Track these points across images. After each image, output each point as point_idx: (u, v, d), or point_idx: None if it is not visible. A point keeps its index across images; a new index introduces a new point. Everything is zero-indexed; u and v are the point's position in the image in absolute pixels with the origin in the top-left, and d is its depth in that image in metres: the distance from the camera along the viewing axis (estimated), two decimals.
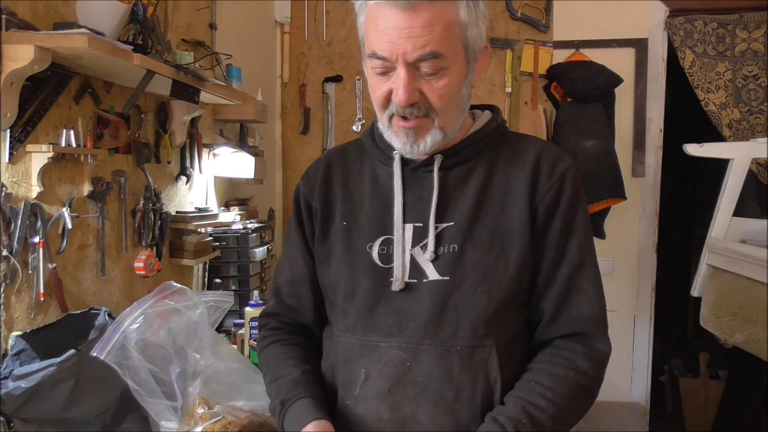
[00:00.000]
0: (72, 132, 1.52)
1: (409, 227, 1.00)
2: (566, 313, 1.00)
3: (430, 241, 0.97)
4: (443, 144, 1.00)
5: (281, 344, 1.10)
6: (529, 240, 0.98)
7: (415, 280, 0.98)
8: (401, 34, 0.88)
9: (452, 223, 0.98)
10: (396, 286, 0.98)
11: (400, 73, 0.91)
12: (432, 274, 0.97)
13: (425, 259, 0.98)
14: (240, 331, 1.94)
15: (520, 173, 1.00)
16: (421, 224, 0.99)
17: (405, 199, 1.01)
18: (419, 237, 0.99)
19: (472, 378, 0.95)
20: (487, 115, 1.08)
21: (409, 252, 0.99)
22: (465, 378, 0.95)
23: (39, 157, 1.42)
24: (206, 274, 2.30)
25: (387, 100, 0.95)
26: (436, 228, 0.98)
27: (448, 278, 0.96)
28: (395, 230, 1.00)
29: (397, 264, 0.98)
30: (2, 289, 1.34)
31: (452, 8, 0.90)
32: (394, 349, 0.96)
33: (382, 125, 1.01)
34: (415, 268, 0.98)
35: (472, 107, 1.10)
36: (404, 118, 0.95)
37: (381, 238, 1.01)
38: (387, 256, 1.00)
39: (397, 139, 0.98)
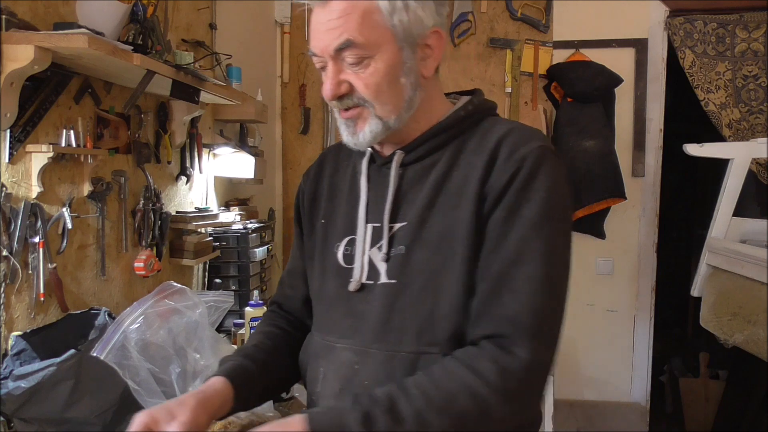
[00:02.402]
0: (72, 132, 1.52)
1: (370, 227, 0.98)
2: (490, 312, 0.87)
3: (384, 242, 0.95)
4: (407, 135, 0.97)
5: (262, 326, 1.13)
6: (475, 235, 0.89)
7: (372, 282, 0.95)
8: (321, 29, 0.90)
9: (405, 223, 0.95)
10: (352, 286, 0.96)
11: (329, 67, 0.92)
12: (383, 276, 0.94)
13: (380, 261, 0.95)
14: (240, 331, 1.94)
15: (477, 162, 0.92)
16: (379, 224, 0.97)
17: (369, 198, 0.99)
18: (377, 237, 0.96)
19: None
20: (461, 103, 1.01)
21: (368, 253, 0.96)
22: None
23: (39, 157, 1.42)
24: (206, 274, 2.30)
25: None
26: (391, 228, 0.95)
27: (395, 281, 0.93)
28: (358, 230, 0.98)
29: (356, 265, 0.97)
30: (2, 289, 1.34)
31: None
32: (347, 351, 0.96)
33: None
34: (373, 270, 0.96)
35: (461, 93, 1.05)
36: (345, 109, 0.94)
37: (347, 238, 1.00)
38: (350, 257, 0.99)
39: (342, 133, 0.98)
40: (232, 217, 2.40)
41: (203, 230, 2.20)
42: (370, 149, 1.01)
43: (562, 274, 0.90)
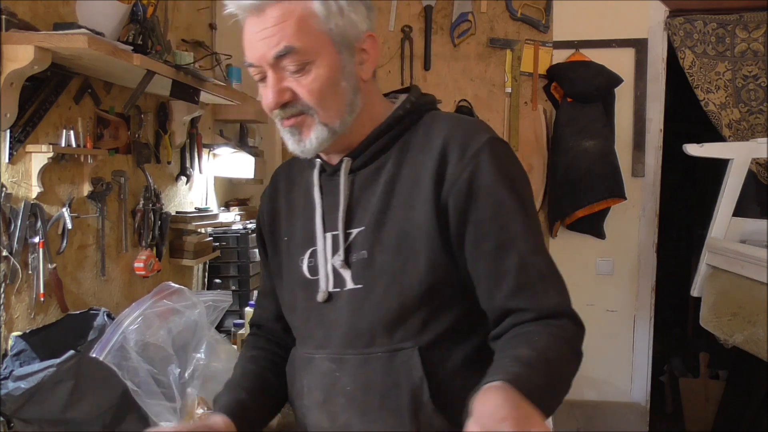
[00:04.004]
0: (72, 132, 1.52)
1: (329, 236, 0.97)
2: (529, 306, 0.88)
3: (341, 248, 0.95)
4: (352, 141, 0.97)
5: (245, 351, 1.15)
6: (440, 237, 0.90)
7: (338, 290, 0.96)
8: (257, 38, 0.89)
9: (363, 228, 0.94)
10: (320, 297, 0.97)
11: (269, 76, 0.90)
12: (349, 282, 0.95)
13: (341, 268, 0.95)
14: (240, 331, 1.94)
15: (427, 161, 0.92)
16: (336, 232, 0.96)
17: (323, 208, 0.99)
18: (336, 245, 0.96)
19: (395, 382, 0.91)
20: (398, 102, 1.01)
21: (330, 262, 0.96)
22: (387, 384, 0.92)
23: (39, 157, 1.42)
24: (206, 274, 2.30)
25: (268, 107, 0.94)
26: (349, 234, 0.95)
27: (361, 286, 0.93)
28: (317, 241, 0.98)
29: (321, 275, 0.97)
30: (2, 289, 1.34)
31: (302, 2, 0.88)
32: (325, 361, 0.96)
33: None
34: (338, 278, 0.96)
35: (399, 92, 1.05)
36: (281, 119, 0.93)
37: (309, 250, 1.00)
38: (314, 268, 0.99)
39: (287, 142, 0.96)
40: (232, 217, 2.40)
41: (203, 230, 2.20)
42: (319, 160, 1.00)
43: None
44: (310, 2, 0.88)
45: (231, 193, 2.64)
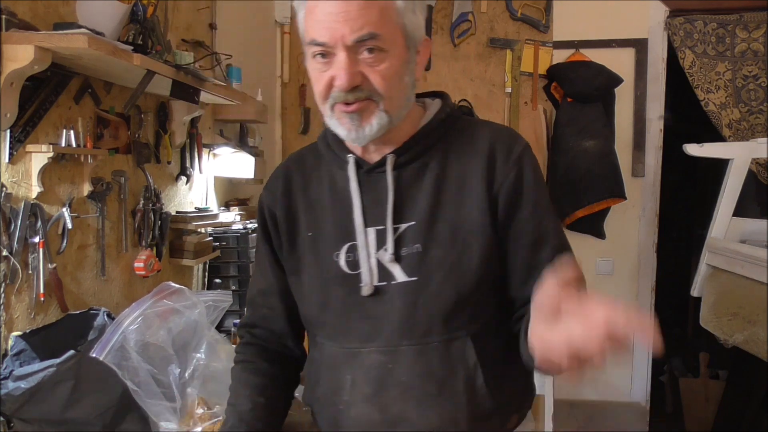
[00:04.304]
0: (72, 132, 1.52)
1: (371, 231, 0.99)
2: None
3: (389, 243, 0.97)
4: (392, 138, 1.00)
5: (246, 367, 1.12)
6: (492, 230, 0.97)
7: (385, 283, 0.98)
8: (338, 18, 0.89)
9: (413, 223, 0.98)
10: (365, 291, 0.98)
11: (340, 57, 0.91)
12: (400, 275, 0.97)
13: (389, 262, 0.98)
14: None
15: (475, 163, 0.99)
16: (382, 227, 0.99)
17: (363, 203, 1.00)
18: (382, 240, 0.98)
19: (452, 370, 0.97)
20: (436, 105, 1.06)
21: (375, 256, 0.98)
22: (445, 371, 0.96)
23: (39, 157, 1.42)
24: (206, 274, 2.30)
25: (329, 89, 0.94)
26: (397, 229, 0.98)
27: (415, 278, 0.97)
28: (358, 236, 0.99)
29: (364, 269, 0.98)
30: (2, 289, 1.34)
31: None
32: (374, 354, 0.98)
33: (327, 117, 0.99)
34: (383, 272, 0.98)
35: (421, 95, 1.10)
36: (346, 103, 0.93)
37: (346, 245, 1.01)
38: (354, 263, 1.00)
39: (342, 127, 0.96)
40: (232, 217, 2.40)
41: (203, 230, 2.20)
42: (352, 156, 1.02)
43: None
44: None
45: (231, 193, 2.64)
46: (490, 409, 0.98)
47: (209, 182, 2.39)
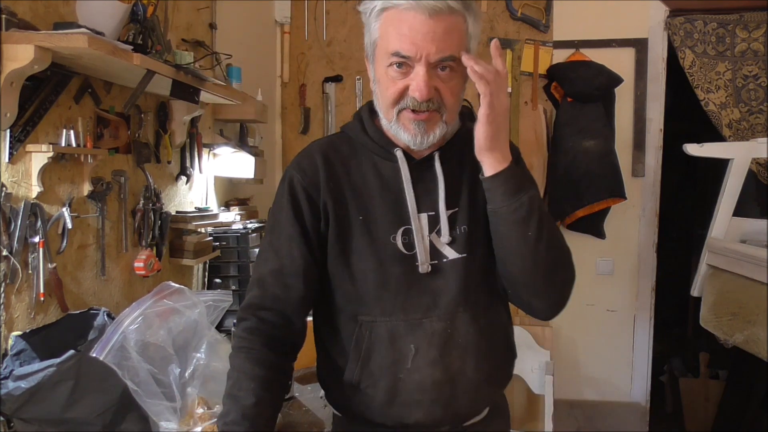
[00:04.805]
0: (72, 132, 1.52)
1: (424, 216, 1.13)
2: None
3: (444, 226, 1.12)
4: (440, 140, 1.13)
5: (250, 357, 1.08)
6: None
7: (436, 261, 1.12)
8: (426, 37, 1.01)
9: (457, 209, 1.14)
10: (423, 268, 1.11)
11: (420, 71, 1.02)
12: (451, 254, 1.13)
13: (442, 243, 1.12)
14: None
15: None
16: (433, 212, 1.13)
17: (416, 192, 1.13)
18: (433, 224, 1.13)
19: (496, 328, 1.17)
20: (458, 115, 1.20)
21: (428, 238, 1.12)
22: (491, 331, 1.16)
23: (39, 157, 1.42)
24: (206, 274, 2.30)
25: (401, 96, 1.06)
26: (447, 215, 1.13)
27: (465, 255, 1.13)
28: (412, 220, 1.12)
29: (419, 250, 1.11)
30: (2, 289, 1.34)
31: (464, 22, 1.05)
32: (436, 322, 1.11)
33: (388, 120, 1.10)
34: (435, 252, 1.12)
35: None
36: (415, 111, 1.05)
37: (402, 229, 1.12)
38: (410, 245, 1.12)
39: (406, 132, 1.08)
40: (232, 217, 2.40)
41: (203, 230, 2.20)
42: (400, 150, 1.14)
43: None
44: (468, 24, 1.05)
45: (231, 192, 2.64)
46: (513, 358, 1.23)
47: (209, 182, 2.39)
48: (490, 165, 1.06)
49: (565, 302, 1.14)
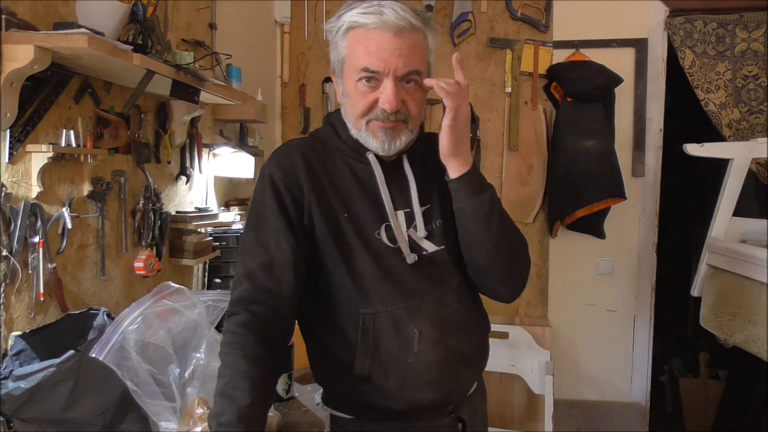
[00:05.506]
0: (72, 132, 1.52)
1: (401, 213, 1.21)
2: None
3: (419, 222, 1.21)
4: (405, 145, 1.21)
5: (244, 354, 1.06)
6: None
7: (417, 253, 1.20)
8: (393, 54, 1.10)
9: (429, 206, 1.23)
10: (410, 259, 1.19)
11: (389, 85, 1.11)
12: (430, 246, 1.22)
13: (419, 237, 1.21)
14: None
15: (436, 161, 1.23)
16: (408, 210, 1.22)
17: (390, 192, 1.21)
18: (410, 220, 1.22)
19: (477, 307, 1.29)
20: None
21: (406, 233, 1.20)
22: (472, 307, 1.27)
23: (39, 157, 1.42)
24: (206, 274, 2.30)
25: (370, 108, 1.14)
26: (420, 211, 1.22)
27: (443, 246, 1.22)
28: (390, 218, 1.20)
29: (401, 244, 1.19)
30: (2, 289, 1.34)
31: (425, 38, 1.15)
32: (431, 305, 1.19)
33: (357, 130, 1.18)
34: (414, 244, 1.21)
35: None
36: (383, 120, 1.14)
37: (384, 225, 1.19)
38: (393, 239, 1.19)
39: (375, 140, 1.17)
40: (232, 217, 2.40)
41: (203, 230, 2.20)
42: (372, 154, 1.21)
43: None
44: (428, 39, 1.16)
45: (231, 192, 2.64)
46: (489, 331, 1.34)
47: (209, 182, 2.39)
48: (454, 168, 1.17)
49: (524, 285, 1.29)
